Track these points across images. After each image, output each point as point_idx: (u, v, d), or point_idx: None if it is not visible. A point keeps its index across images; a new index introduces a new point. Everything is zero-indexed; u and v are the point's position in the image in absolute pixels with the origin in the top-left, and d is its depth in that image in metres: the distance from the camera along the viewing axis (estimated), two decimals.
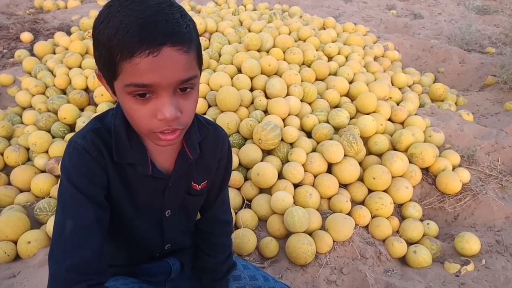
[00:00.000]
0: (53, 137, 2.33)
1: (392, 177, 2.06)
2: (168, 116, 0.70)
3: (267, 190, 2.02)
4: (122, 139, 0.83)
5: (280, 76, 2.58)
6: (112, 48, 0.65)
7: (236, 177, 1.99)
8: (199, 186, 0.99)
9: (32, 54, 3.40)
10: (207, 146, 0.96)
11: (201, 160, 0.95)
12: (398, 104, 2.71)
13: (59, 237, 0.76)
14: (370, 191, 2.07)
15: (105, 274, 0.80)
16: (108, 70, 0.70)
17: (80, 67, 2.92)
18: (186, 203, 1.01)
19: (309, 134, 2.34)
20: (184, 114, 0.73)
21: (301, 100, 2.48)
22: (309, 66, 2.83)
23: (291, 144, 2.20)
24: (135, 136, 0.84)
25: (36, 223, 1.87)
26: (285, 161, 2.13)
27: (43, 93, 2.73)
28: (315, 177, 2.06)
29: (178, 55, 0.67)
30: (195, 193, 1.00)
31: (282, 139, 2.16)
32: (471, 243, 1.81)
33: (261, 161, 2.09)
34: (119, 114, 0.83)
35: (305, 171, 2.05)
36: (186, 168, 0.94)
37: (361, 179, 2.12)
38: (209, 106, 2.42)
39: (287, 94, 2.48)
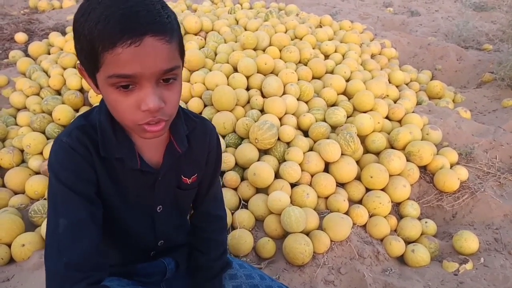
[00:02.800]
0: (48, 138, 2.30)
1: (390, 175, 2.04)
2: (152, 107, 0.69)
3: (263, 190, 2.00)
4: (108, 134, 0.82)
5: (277, 75, 2.56)
6: (94, 39, 0.65)
7: (232, 177, 1.97)
8: (189, 180, 0.99)
9: (27, 55, 3.37)
10: (195, 139, 0.95)
11: (190, 153, 0.95)
12: (395, 102, 2.70)
13: (53, 236, 0.76)
14: (367, 190, 2.06)
15: (103, 270, 0.79)
16: (90, 62, 0.69)
17: (74, 67, 2.89)
18: (177, 197, 1.00)
19: (305, 133, 2.33)
20: (168, 105, 0.73)
21: (298, 99, 2.47)
22: (305, 65, 2.81)
23: (288, 143, 2.18)
24: (121, 131, 0.84)
25: (31, 226, 1.84)
26: (281, 160, 2.11)
27: (38, 94, 2.71)
28: (312, 176, 2.04)
29: (160, 44, 0.67)
30: (185, 187, 0.99)
31: (278, 138, 2.14)
32: (469, 241, 1.80)
33: (258, 160, 2.07)
34: (104, 109, 0.82)
35: (302, 170, 2.04)
36: (175, 161, 0.93)
37: (358, 178, 2.10)
38: (205, 106, 2.40)
39: (284, 93, 2.46)
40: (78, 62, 0.76)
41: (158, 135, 0.76)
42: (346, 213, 1.91)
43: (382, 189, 2.03)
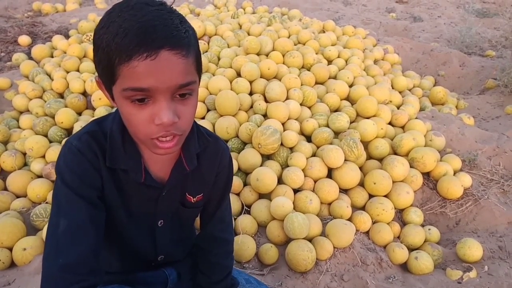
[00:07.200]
0: (50, 141, 2.30)
1: (393, 182, 2.03)
2: (166, 121, 0.69)
3: (266, 196, 1.99)
4: (116, 144, 0.82)
5: (280, 80, 2.56)
6: (111, 52, 0.65)
7: (235, 182, 1.97)
8: (194, 199, 0.97)
9: (30, 58, 3.37)
10: (206, 158, 0.94)
11: (198, 172, 0.93)
12: (398, 108, 2.69)
13: (52, 237, 0.76)
14: (370, 196, 2.05)
15: (99, 275, 0.79)
16: (107, 75, 0.70)
17: (78, 70, 2.89)
18: (180, 214, 0.99)
19: (309, 139, 2.32)
20: (182, 120, 0.72)
21: (301, 104, 2.46)
22: (308, 70, 2.81)
23: (291, 149, 2.18)
24: (131, 143, 0.83)
25: (32, 229, 1.84)
26: (284, 166, 2.10)
27: (41, 97, 2.71)
28: (315, 182, 2.04)
29: (176, 59, 0.67)
30: (189, 205, 0.98)
31: (281, 144, 2.14)
32: (473, 249, 1.78)
33: (261, 166, 2.06)
34: (117, 119, 0.82)
35: (305, 176, 2.03)
36: (182, 179, 0.92)
37: (361, 184, 2.09)
38: (208, 110, 2.40)
39: (287, 98, 2.46)
40: (97, 75, 0.76)
41: (170, 152, 0.76)
42: (349, 219, 1.90)
43: (385, 196, 2.02)
